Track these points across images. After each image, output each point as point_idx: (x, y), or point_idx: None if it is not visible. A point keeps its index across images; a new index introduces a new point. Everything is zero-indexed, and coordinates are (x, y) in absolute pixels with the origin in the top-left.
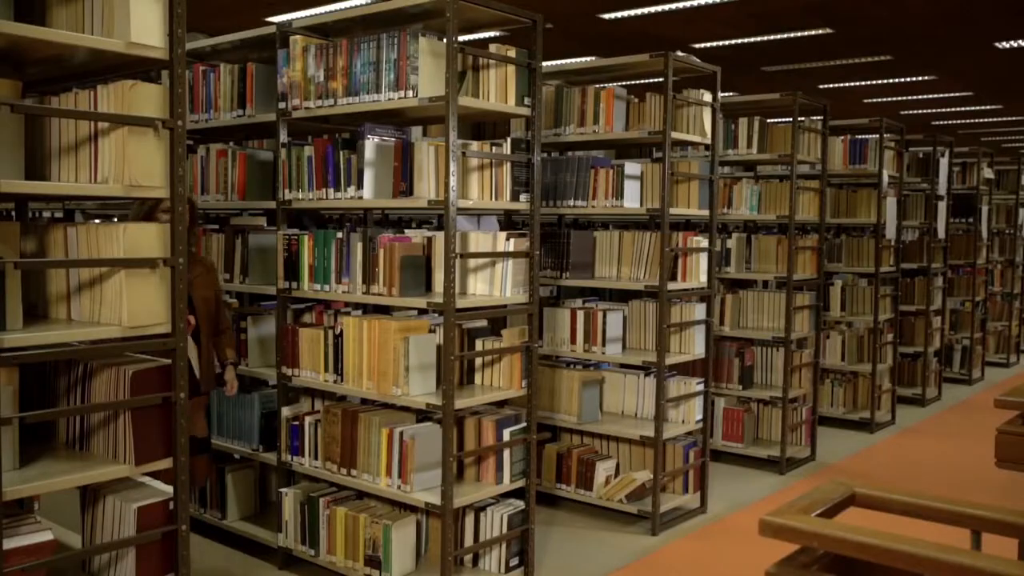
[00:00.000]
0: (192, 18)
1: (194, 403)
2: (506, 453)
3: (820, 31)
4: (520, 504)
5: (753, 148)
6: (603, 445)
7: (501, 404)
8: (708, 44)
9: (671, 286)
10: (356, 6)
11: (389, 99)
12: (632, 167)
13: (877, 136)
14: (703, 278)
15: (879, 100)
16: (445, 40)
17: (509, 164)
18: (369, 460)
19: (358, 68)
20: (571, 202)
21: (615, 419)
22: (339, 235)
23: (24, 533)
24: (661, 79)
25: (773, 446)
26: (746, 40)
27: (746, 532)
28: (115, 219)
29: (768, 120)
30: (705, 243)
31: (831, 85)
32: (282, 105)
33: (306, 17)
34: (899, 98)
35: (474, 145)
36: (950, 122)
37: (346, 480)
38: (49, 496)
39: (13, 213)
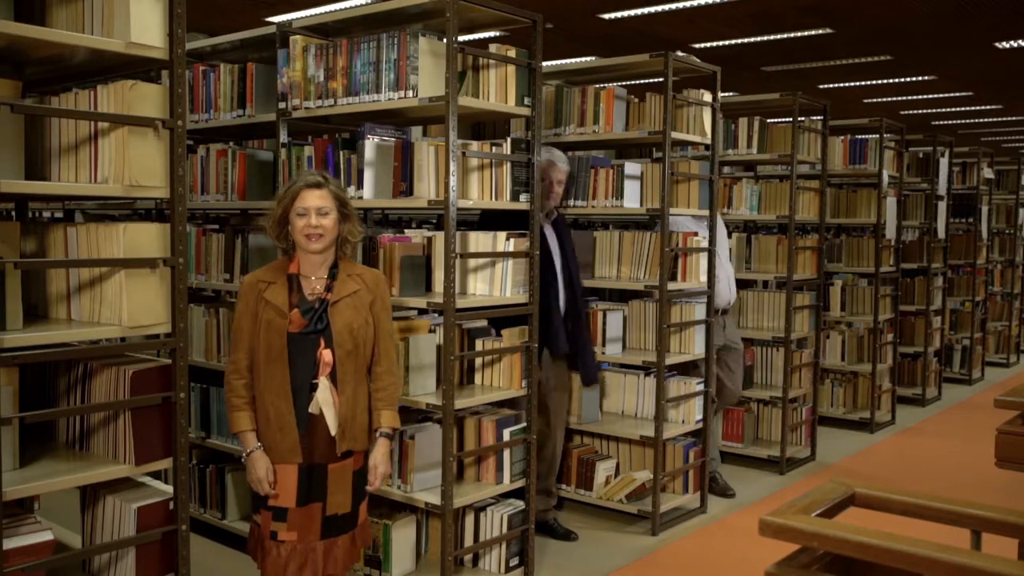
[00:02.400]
0: (192, 18)
1: (335, 470)
2: (506, 453)
3: (820, 31)
4: (520, 504)
5: (753, 148)
6: (603, 445)
7: (501, 404)
8: (708, 44)
9: (671, 286)
10: (356, 6)
11: (389, 99)
12: (632, 167)
13: (877, 136)
14: (703, 278)
15: (879, 100)
16: (445, 40)
17: (509, 164)
18: None
19: (358, 68)
20: (571, 202)
21: (615, 419)
22: None
23: (24, 533)
24: (661, 79)
25: (773, 446)
26: (746, 40)
27: (746, 532)
28: (115, 219)
29: (768, 120)
30: (705, 243)
31: (831, 85)
32: (282, 105)
33: (306, 17)
34: (899, 98)
35: (474, 145)
36: (950, 122)
37: None
38: (49, 496)
39: (13, 213)
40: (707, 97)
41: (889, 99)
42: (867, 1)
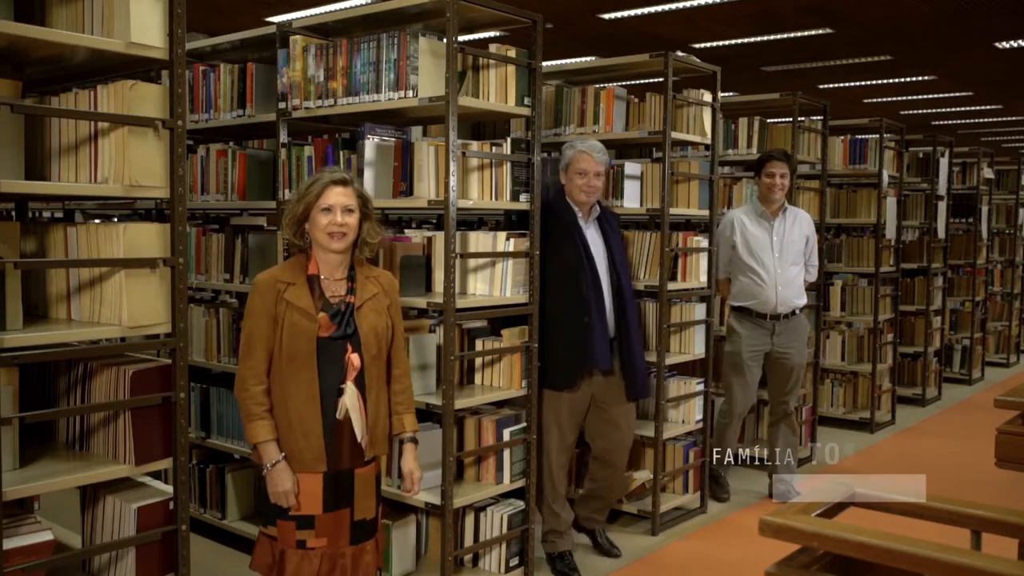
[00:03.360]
0: (192, 18)
1: (362, 475)
2: (506, 453)
3: (820, 31)
4: (520, 504)
5: (753, 148)
6: None
7: (501, 404)
8: (708, 44)
9: (671, 286)
10: (356, 6)
11: (389, 99)
12: (632, 167)
13: (877, 136)
14: (703, 278)
15: (879, 100)
16: (445, 40)
17: (509, 164)
18: None
19: (358, 68)
20: None
21: None
22: None
23: (24, 533)
24: (661, 79)
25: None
26: (746, 40)
27: (746, 532)
28: (115, 219)
29: (768, 120)
30: (705, 243)
31: (831, 85)
32: (282, 105)
33: (306, 17)
34: (899, 98)
35: (474, 145)
36: (950, 122)
37: None
38: (49, 496)
39: (13, 213)
40: (707, 97)
41: (889, 99)
42: (867, 1)
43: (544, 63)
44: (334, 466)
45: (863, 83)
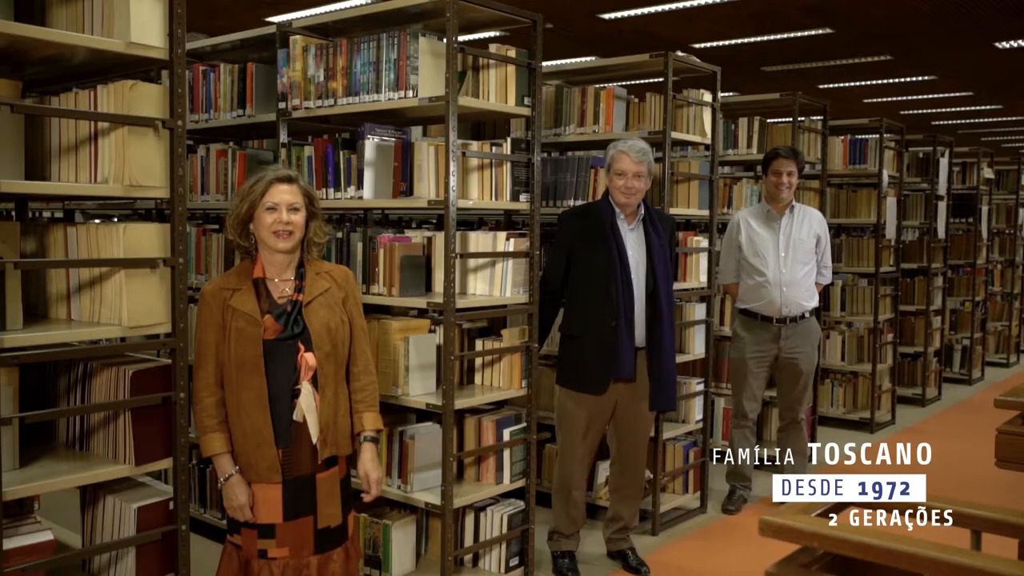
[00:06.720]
0: (192, 18)
1: (323, 480)
2: (506, 453)
3: (820, 31)
4: (520, 504)
5: (753, 148)
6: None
7: (501, 404)
8: (708, 44)
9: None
10: (356, 6)
11: (389, 99)
12: None
13: (877, 136)
14: (703, 278)
15: (879, 100)
16: (445, 40)
17: (509, 164)
18: None
19: (358, 68)
20: (571, 202)
21: None
22: (339, 235)
23: (24, 533)
24: (661, 79)
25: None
26: (746, 40)
27: (746, 532)
28: (115, 219)
29: (768, 120)
30: (705, 243)
31: (831, 85)
32: (282, 105)
33: (306, 17)
34: (899, 98)
35: (474, 145)
36: (950, 122)
37: None
38: (49, 496)
39: (13, 213)
40: (707, 97)
41: (889, 99)
42: (867, 1)
43: (544, 63)
44: (292, 473)
45: (863, 83)
